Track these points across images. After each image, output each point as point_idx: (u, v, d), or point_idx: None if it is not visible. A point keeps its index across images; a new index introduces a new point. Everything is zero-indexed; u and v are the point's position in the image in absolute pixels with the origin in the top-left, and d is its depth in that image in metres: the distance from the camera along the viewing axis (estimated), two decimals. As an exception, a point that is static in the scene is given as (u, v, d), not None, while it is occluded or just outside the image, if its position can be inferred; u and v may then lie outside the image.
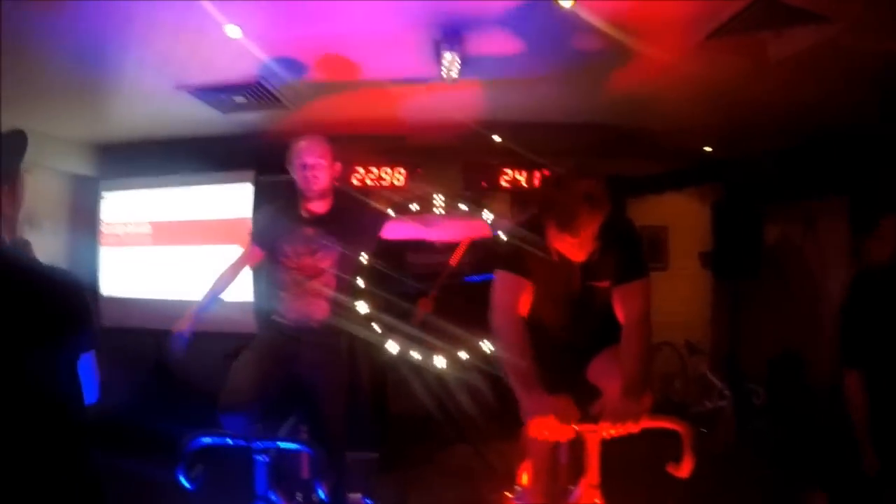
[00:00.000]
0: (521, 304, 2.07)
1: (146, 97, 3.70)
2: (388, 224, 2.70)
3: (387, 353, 3.97)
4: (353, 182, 4.44)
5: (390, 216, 2.80)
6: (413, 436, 4.34)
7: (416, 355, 3.96)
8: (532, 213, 2.12)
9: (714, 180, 5.01)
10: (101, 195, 4.86)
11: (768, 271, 4.69)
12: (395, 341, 3.93)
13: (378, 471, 3.84)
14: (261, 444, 1.87)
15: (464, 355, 4.06)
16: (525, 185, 4.52)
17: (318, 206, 2.62)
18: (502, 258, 2.09)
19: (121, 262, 4.84)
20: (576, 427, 1.83)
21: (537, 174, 4.53)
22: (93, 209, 4.86)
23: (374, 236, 2.70)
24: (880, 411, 2.25)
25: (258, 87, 3.43)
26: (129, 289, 4.78)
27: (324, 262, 2.60)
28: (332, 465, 2.45)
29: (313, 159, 2.56)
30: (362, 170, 4.45)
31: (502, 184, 4.57)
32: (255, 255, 2.75)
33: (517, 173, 4.54)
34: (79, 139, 4.70)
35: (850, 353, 2.35)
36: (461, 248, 4.05)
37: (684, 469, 1.80)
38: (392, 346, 3.93)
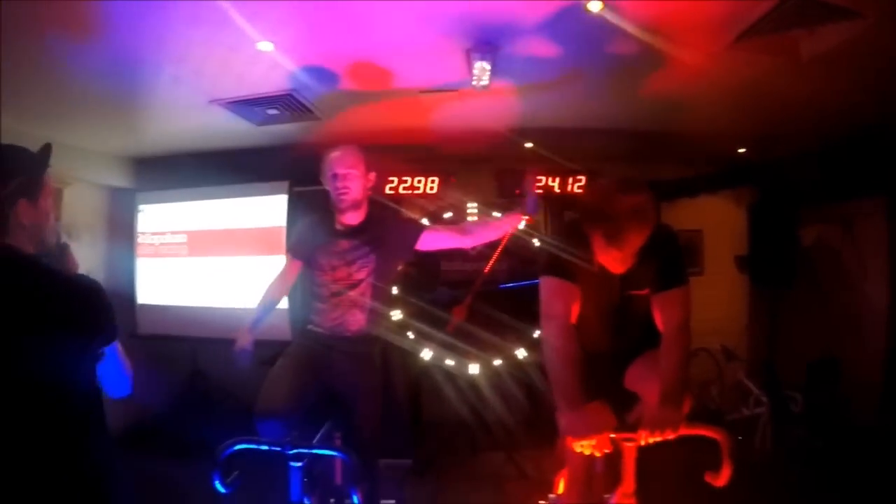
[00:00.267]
0: (572, 312, 2.05)
1: (181, 111, 3.75)
2: (424, 235, 2.69)
3: (420, 361, 3.97)
4: (387, 191, 4.45)
5: (426, 227, 2.78)
6: (446, 443, 4.32)
7: (449, 362, 3.95)
8: (571, 218, 2.10)
9: (749, 183, 4.92)
10: (138, 207, 4.97)
11: (805, 275, 4.58)
12: (429, 349, 3.93)
13: (411, 477, 3.86)
14: (295, 450, 1.87)
15: (497, 362, 4.03)
16: (558, 191, 4.49)
17: (352, 217, 2.63)
18: (551, 264, 2.06)
19: (157, 272, 4.93)
20: (613, 436, 1.81)
21: (571, 180, 4.50)
22: (130, 220, 4.97)
23: (411, 247, 2.70)
24: None
25: (291, 99, 3.45)
26: (164, 297, 4.86)
27: (360, 274, 2.60)
28: (366, 471, 2.46)
29: (345, 169, 2.56)
30: (395, 179, 4.47)
31: (536, 190, 4.51)
32: (295, 267, 2.77)
33: (550, 179, 4.52)
34: (116, 153, 4.80)
35: None
36: (495, 256, 4.04)
37: (722, 478, 1.77)
38: (426, 354, 3.93)
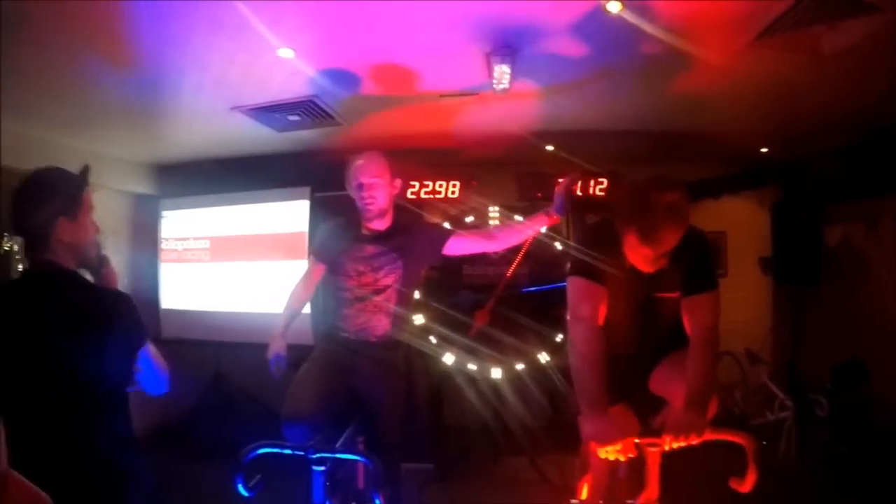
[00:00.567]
0: (600, 315, 2.03)
1: (203, 119, 3.80)
2: (451, 240, 2.68)
3: (442, 365, 3.96)
4: (409, 196, 4.45)
5: (453, 232, 2.77)
6: (468, 447, 4.32)
7: (472, 367, 3.95)
8: (599, 219, 2.09)
9: (772, 183, 4.84)
10: (162, 213, 5.04)
11: (830, 275, 4.50)
12: (452, 353, 3.92)
13: (432, 482, 3.86)
14: (319, 454, 1.87)
15: (520, 366, 4.02)
16: (580, 194, 4.45)
17: (378, 223, 2.63)
18: (579, 265, 2.05)
19: (180, 277, 4.99)
20: (637, 441, 1.79)
21: (592, 182, 4.46)
22: (153, 226, 5.04)
23: (438, 253, 2.69)
24: None
25: (312, 105, 3.48)
26: (188, 302, 4.92)
27: (386, 280, 2.59)
28: (389, 475, 2.46)
29: (370, 178, 2.55)
30: (417, 183, 4.47)
31: (573, 192, 4.46)
32: (319, 271, 2.77)
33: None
34: (140, 160, 4.88)
35: None
36: (517, 260, 4.03)
37: (747, 483, 1.74)
38: (448, 358, 3.93)
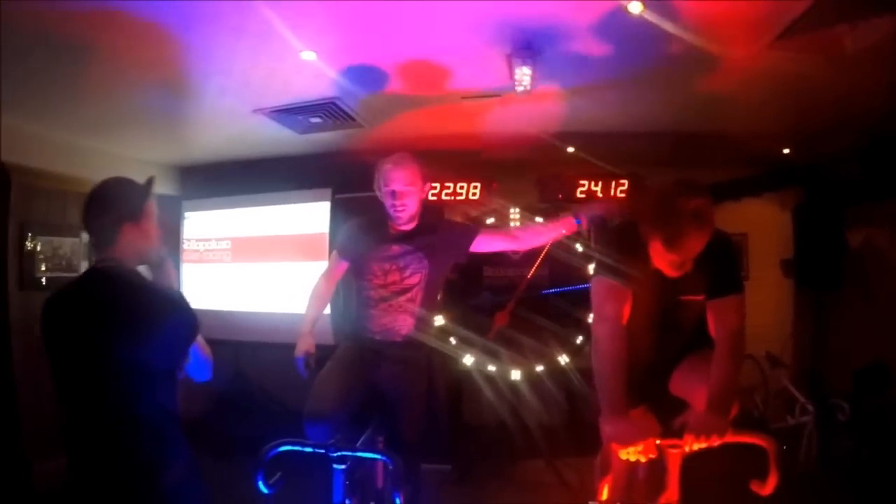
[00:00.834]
0: (624, 315, 2.03)
1: (226, 121, 3.85)
2: (478, 239, 2.67)
3: (462, 366, 3.96)
4: (430, 197, 4.49)
5: (478, 229, 2.75)
6: (486, 449, 4.32)
7: (491, 368, 3.95)
8: (624, 220, 2.09)
9: (794, 184, 4.79)
10: (184, 214, 5.10)
11: (853, 278, 4.44)
12: (471, 354, 3.92)
13: (450, 483, 3.87)
14: (339, 453, 1.86)
15: (539, 368, 4.01)
16: (601, 195, 4.45)
17: (406, 225, 2.62)
18: (604, 266, 2.05)
19: (202, 277, 5.05)
20: (658, 442, 1.79)
21: (614, 184, 4.46)
22: (176, 227, 5.09)
23: (465, 251, 2.68)
24: None
25: (333, 107, 3.50)
26: (209, 302, 4.97)
27: (412, 280, 2.59)
28: (409, 475, 2.47)
29: (403, 186, 2.51)
30: (438, 185, 4.48)
31: (578, 195, 4.51)
32: (342, 268, 2.76)
33: (593, 184, 4.48)
34: (163, 162, 4.94)
35: None
36: (537, 262, 4.02)
37: (769, 486, 1.73)
38: (468, 359, 3.93)
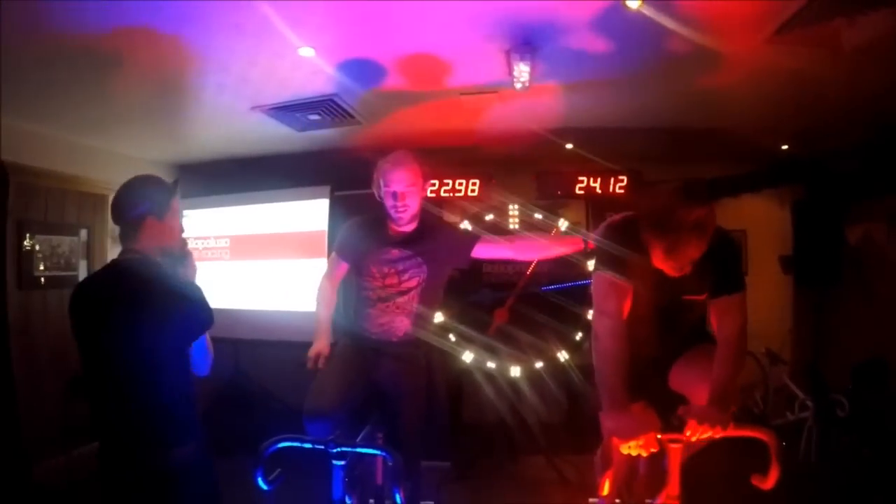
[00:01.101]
0: (624, 310, 2.03)
1: (224, 119, 3.84)
2: (477, 247, 2.65)
3: (461, 363, 3.95)
4: (429, 194, 4.50)
5: (478, 237, 2.71)
6: (486, 446, 4.31)
7: (491, 365, 3.93)
8: (625, 215, 2.08)
9: (792, 181, 4.79)
10: (182, 213, 5.08)
11: (852, 274, 4.45)
12: (471, 351, 3.91)
13: (450, 480, 3.85)
14: (339, 449, 1.84)
15: (539, 365, 4.00)
16: (600, 192, 4.44)
17: (405, 226, 2.59)
18: (605, 260, 2.04)
19: (200, 275, 5.02)
20: (659, 436, 1.79)
21: (612, 181, 4.46)
22: (174, 225, 5.09)
23: (465, 258, 2.66)
24: None
25: (332, 104, 3.49)
26: (208, 300, 4.96)
27: (410, 283, 2.57)
28: (408, 471, 2.46)
29: (404, 187, 2.48)
30: (437, 182, 4.48)
31: (577, 191, 4.51)
32: (343, 269, 2.73)
33: (592, 180, 4.48)
34: (161, 160, 4.94)
35: None
36: (537, 259, 3.99)
37: (770, 480, 1.72)
38: (467, 356, 3.91)
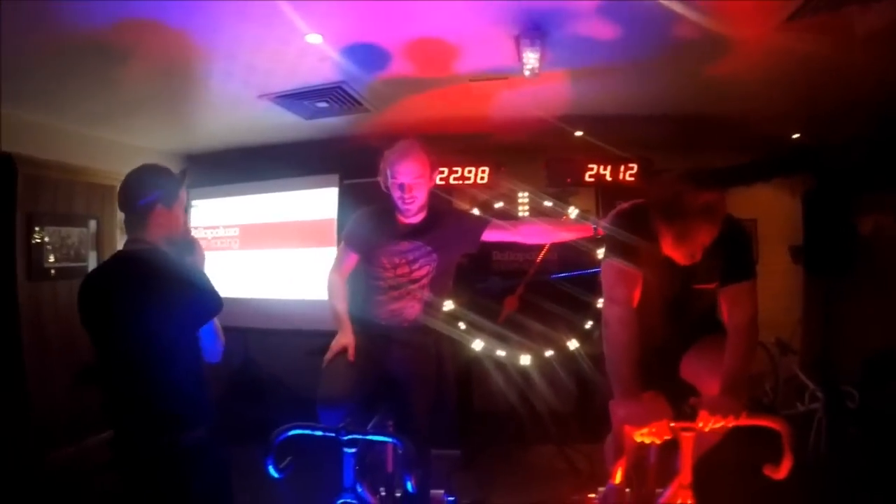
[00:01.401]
0: (634, 298, 2.02)
1: (232, 107, 3.83)
2: (487, 232, 2.64)
3: (471, 351, 3.95)
4: (438, 182, 4.48)
5: (488, 222, 2.70)
6: (495, 434, 4.32)
7: (500, 353, 3.93)
8: (635, 202, 2.06)
9: (804, 170, 4.75)
10: (191, 203, 5.09)
11: (863, 265, 4.40)
12: (480, 339, 3.90)
13: (460, 468, 3.86)
14: (350, 436, 1.85)
15: (549, 353, 4.00)
16: (610, 179, 4.41)
17: (414, 217, 2.58)
18: (615, 248, 2.03)
19: (210, 265, 5.03)
20: (672, 424, 1.78)
21: (622, 168, 4.42)
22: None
23: (474, 243, 2.65)
24: None
25: (340, 92, 3.48)
26: (217, 289, 4.98)
27: (421, 272, 2.57)
28: (419, 458, 2.46)
29: (412, 179, 2.45)
30: (446, 170, 4.45)
31: (587, 179, 4.48)
32: (353, 260, 2.71)
33: (602, 168, 4.44)
34: (169, 150, 4.95)
35: None
36: (547, 246, 3.98)
37: (783, 470, 1.71)
38: (477, 344, 3.91)
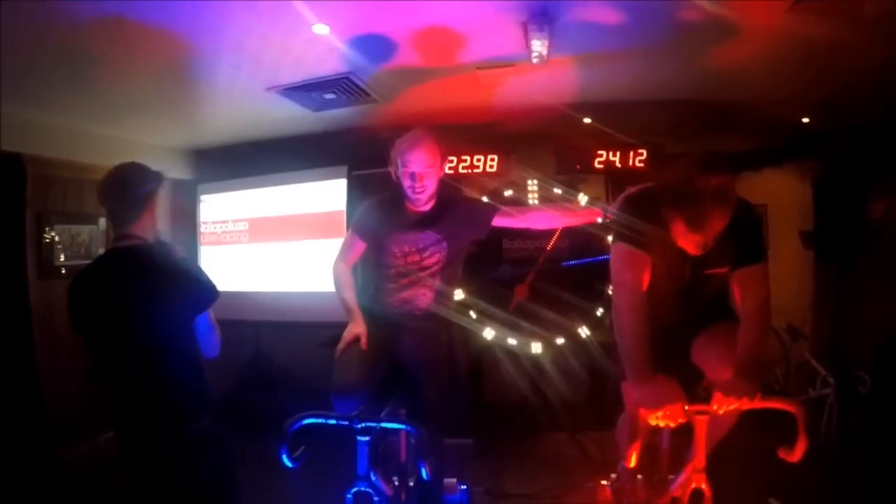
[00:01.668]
0: (644, 282, 2.02)
1: (239, 101, 3.83)
2: (497, 218, 2.65)
3: (482, 340, 3.96)
4: (447, 171, 4.48)
5: (497, 208, 2.71)
6: (507, 423, 4.33)
7: (511, 342, 3.94)
8: (643, 186, 2.06)
9: (814, 154, 4.72)
10: (200, 197, 5.12)
11: (874, 250, 4.38)
12: (491, 328, 3.91)
13: (472, 457, 3.87)
14: (364, 424, 1.85)
15: (560, 341, 4.00)
16: (619, 165, 4.39)
17: (424, 205, 2.59)
18: (623, 232, 2.02)
19: (220, 259, 5.07)
20: (686, 407, 1.78)
21: (632, 154, 4.40)
22: (192, 210, 5.12)
23: (484, 229, 2.67)
24: None
25: (347, 82, 3.46)
26: (228, 283, 5.00)
27: (431, 259, 2.59)
28: (432, 445, 2.48)
29: (423, 168, 2.46)
30: (454, 158, 4.45)
31: (596, 166, 4.45)
32: (360, 248, 2.72)
33: (611, 154, 4.41)
34: (177, 146, 4.97)
35: None
36: (557, 233, 3.99)
37: (797, 452, 1.72)
38: (488, 333, 3.92)
